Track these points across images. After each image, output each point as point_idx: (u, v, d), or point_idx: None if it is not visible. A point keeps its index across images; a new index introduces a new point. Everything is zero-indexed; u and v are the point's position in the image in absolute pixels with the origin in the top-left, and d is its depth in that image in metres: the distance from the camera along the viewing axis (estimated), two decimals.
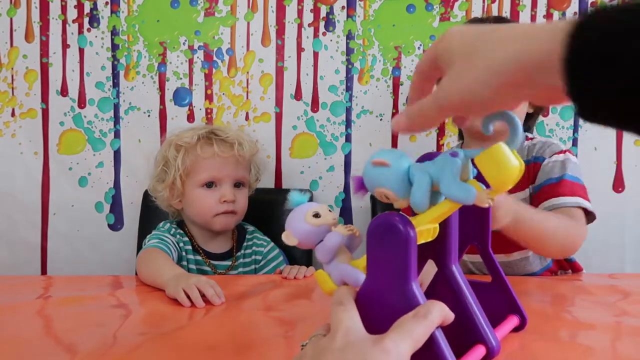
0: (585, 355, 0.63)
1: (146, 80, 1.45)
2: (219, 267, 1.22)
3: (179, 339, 0.68)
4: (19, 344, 0.67)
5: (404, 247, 0.47)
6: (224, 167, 1.19)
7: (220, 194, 1.18)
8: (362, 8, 1.44)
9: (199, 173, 1.18)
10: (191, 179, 1.19)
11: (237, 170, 1.21)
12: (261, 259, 1.26)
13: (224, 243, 1.25)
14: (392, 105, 1.46)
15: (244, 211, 1.24)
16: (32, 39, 1.44)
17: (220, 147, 1.18)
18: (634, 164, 1.45)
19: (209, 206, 1.18)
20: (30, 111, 1.45)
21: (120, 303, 0.88)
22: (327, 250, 0.55)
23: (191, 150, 1.18)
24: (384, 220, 0.47)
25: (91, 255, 1.47)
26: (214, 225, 1.20)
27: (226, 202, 1.19)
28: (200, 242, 1.23)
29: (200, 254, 1.22)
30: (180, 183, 1.18)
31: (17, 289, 0.94)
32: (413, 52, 1.45)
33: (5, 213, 1.46)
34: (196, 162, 1.18)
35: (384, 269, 0.48)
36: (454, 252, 0.58)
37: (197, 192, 1.19)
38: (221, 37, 1.45)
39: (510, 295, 0.66)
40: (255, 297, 0.89)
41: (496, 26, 0.37)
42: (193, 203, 1.20)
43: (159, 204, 1.26)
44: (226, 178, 1.19)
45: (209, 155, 1.18)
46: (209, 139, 1.20)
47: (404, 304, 0.47)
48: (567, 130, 1.44)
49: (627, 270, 1.45)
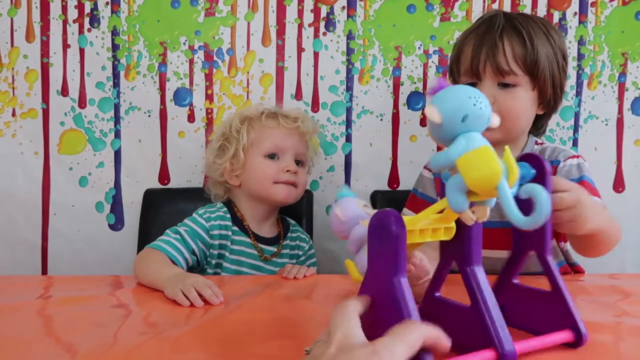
0: (585, 355, 0.63)
1: (147, 81, 1.45)
2: (265, 251, 1.22)
3: (178, 339, 0.68)
4: (19, 344, 0.67)
5: (394, 243, 0.50)
6: (287, 138, 1.22)
7: (283, 164, 1.21)
8: (363, 8, 1.44)
9: (264, 142, 1.21)
10: (254, 149, 1.21)
11: (300, 144, 1.24)
12: (302, 254, 1.28)
13: (272, 227, 1.26)
14: (393, 105, 1.46)
15: (303, 190, 1.26)
16: (33, 39, 1.44)
17: (284, 120, 1.23)
18: (634, 164, 1.45)
19: (272, 173, 1.20)
20: (30, 111, 1.45)
21: (120, 303, 0.88)
22: (354, 241, 0.60)
23: (256, 121, 1.23)
24: (380, 218, 0.51)
25: (91, 255, 1.47)
26: (274, 194, 1.20)
27: (289, 172, 1.20)
28: (251, 222, 1.23)
29: (250, 235, 1.22)
30: (243, 154, 1.21)
31: (17, 289, 0.94)
32: (413, 52, 1.45)
33: (5, 213, 1.46)
34: (261, 132, 1.22)
35: (379, 262, 0.52)
36: (474, 254, 0.58)
37: (259, 160, 1.21)
38: (221, 37, 1.45)
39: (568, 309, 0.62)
40: (255, 297, 0.89)
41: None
42: (254, 172, 1.21)
43: (209, 186, 1.28)
44: (289, 149, 1.22)
45: (273, 125, 1.22)
46: (273, 112, 1.25)
47: (392, 298, 0.50)
48: (567, 131, 1.44)
49: (628, 271, 1.45)
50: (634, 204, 1.45)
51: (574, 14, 1.43)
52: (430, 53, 1.45)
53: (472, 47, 1.05)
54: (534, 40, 1.02)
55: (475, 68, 1.04)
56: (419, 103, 1.46)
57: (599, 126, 1.45)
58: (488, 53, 1.02)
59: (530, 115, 1.07)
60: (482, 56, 1.03)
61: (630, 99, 1.45)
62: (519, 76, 1.02)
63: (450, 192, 0.52)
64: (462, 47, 1.08)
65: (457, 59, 1.09)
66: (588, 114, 1.45)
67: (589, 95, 1.44)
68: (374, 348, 0.44)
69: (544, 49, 1.03)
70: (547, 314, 0.62)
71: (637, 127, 1.45)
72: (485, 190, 0.50)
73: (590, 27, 1.43)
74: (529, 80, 1.03)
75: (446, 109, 0.51)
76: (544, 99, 1.07)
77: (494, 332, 0.55)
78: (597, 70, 1.44)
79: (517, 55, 1.02)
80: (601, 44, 1.44)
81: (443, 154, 0.52)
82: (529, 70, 1.02)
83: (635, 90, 1.45)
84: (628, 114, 1.45)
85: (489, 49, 1.02)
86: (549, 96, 1.06)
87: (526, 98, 1.04)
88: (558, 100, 1.10)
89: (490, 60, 1.02)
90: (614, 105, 1.45)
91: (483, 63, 1.03)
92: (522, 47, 1.02)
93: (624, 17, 1.43)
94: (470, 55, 1.05)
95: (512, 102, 1.03)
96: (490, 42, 1.03)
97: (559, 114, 1.43)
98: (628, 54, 1.44)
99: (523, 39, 1.02)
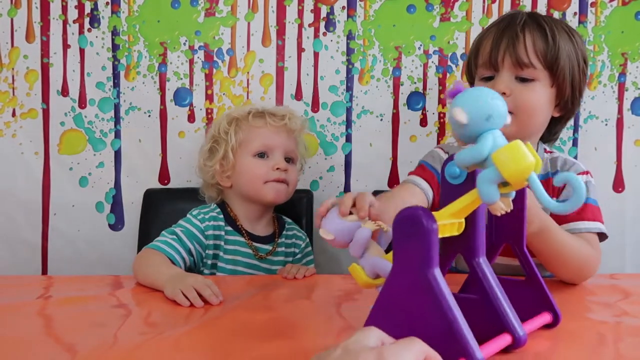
0: (585, 354, 0.63)
1: (147, 81, 1.45)
2: (260, 249, 1.22)
3: (178, 339, 0.69)
4: (19, 344, 0.67)
5: (427, 238, 0.52)
6: (275, 136, 1.22)
7: (273, 162, 1.20)
8: (363, 8, 1.44)
9: (252, 142, 1.21)
10: (243, 149, 1.21)
11: (289, 141, 1.24)
12: (298, 252, 1.28)
13: (266, 226, 1.26)
14: (393, 105, 1.46)
15: (294, 187, 1.26)
16: (33, 39, 1.44)
17: (271, 118, 1.23)
18: (634, 164, 1.45)
19: (261, 173, 1.20)
20: (30, 111, 1.45)
21: (120, 303, 0.88)
22: (359, 245, 0.61)
23: (243, 122, 1.22)
24: (409, 214, 0.53)
25: (91, 255, 1.47)
26: (265, 193, 1.20)
27: (279, 170, 1.20)
28: (244, 222, 1.23)
29: (243, 234, 1.22)
30: (232, 155, 1.21)
31: (17, 289, 0.94)
32: (413, 52, 1.45)
33: (5, 213, 1.46)
34: (248, 132, 1.22)
35: (408, 257, 0.53)
36: (480, 247, 0.62)
37: (249, 161, 1.21)
38: (222, 37, 1.45)
39: (544, 293, 0.67)
40: (255, 297, 0.89)
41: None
42: (244, 173, 1.21)
43: (202, 189, 1.29)
44: (278, 147, 1.22)
45: (261, 124, 1.22)
46: (260, 112, 1.25)
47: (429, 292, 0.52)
48: (567, 131, 1.44)
49: (628, 271, 1.45)
50: (634, 204, 1.45)
51: (574, 14, 1.43)
52: (430, 53, 1.45)
53: (491, 39, 1.03)
54: (556, 37, 1.00)
55: (494, 59, 1.01)
56: (419, 103, 1.46)
57: (598, 126, 1.45)
58: (508, 44, 0.99)
59: (546, 114, 1.04)
60: (501, 47, 1.00)
61: (630, 99, 1.45)
62: (538, 70, 1.00)
63: (482, 184, 0.55)
64: (481, 41, 1.06)
65: (476, 52, 1.07)
66: (588, 114, 1.45)
67: (589, 95, 1.44)
68: (380, 353, 0.44)
69: (566, 46, 1.01)
70: (526, 300, 0.66)
71: (637, 127, 1.45)
72: (519, 181, 0.53)
73: (590, 27, 1.43)
74: (548, 75, 1.00)
75: (471, 109, 0.55)
76: (561, 99, 1.04)
77: (508, 319, 0.58)
78: (597, 70, 1.44)
79: (537, 49, 0.99)
80: (601, 44, 1.44)
81: (471, 150, 0.56)
82: (548, 65, 1.00)
83: (635, 90, 1.45)
84: (628, 114, 1.45)
85: (510, 40, 1.00)
86: (567, 97, 1.03)
87: (543, 94, 1.01)
88: (576, 103, 1.06)
89: (510, 50, 0.99)
90: (613, 105, 1.45)
91: (502, 54, 1.00)
92: (543, 41, 0.99)
93: (624, 17, 1.43)
94: (489, 46, 1.02)
95: (529, 95, 0.99)
96: (511, 33, 1.00)
97: None
98: (628, 54, 1.44)
99: (545, 34, 1.00)
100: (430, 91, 1.46)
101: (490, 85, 1.00)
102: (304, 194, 1.42)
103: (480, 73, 1.06)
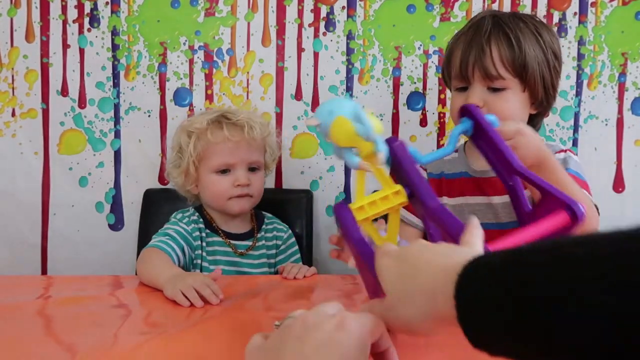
0: None
1: (146, 81, 1.45)
2: (239, 246, 1.22)
3: (179, 339, 0.69)
4: (19, 344, 0.67)
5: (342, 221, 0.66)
6: (236, 151, 1.19)
7: (234, 178, 1.19)
8: (363, 8, 1.44)
9: (212, 159, 1.19)
10: (204, 165, 1.19)
11: (250, 154, 1.21)
12: (281, 243, 1.28)
13: (243, 224, 1.26)
14: (392, 105, 1.46)
15: (260, 194, 1.24)
16: (33, 39, 1.44)
17: (230, 131, 1.18)
18: (634, 164, 1.45)
19: (223, 190, 1.19)
20: (30, 111, 1.45)
21: (120, 303, 0.88)
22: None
23: (202, 136, 1.18)
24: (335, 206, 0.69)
25: (91, 255, 1.47)
26: (229, 208, 1.20)
27: (240, 186, 1.19)
28: (220, 223, 1.24)
29: (220, 234, 1.22)
30: (194, 169, 1.19)
31: (17, 289, 0.94)
32: (413, 52, 1.45)
33: (5, 213, 1.46)
34: (208, 148, 1.18)
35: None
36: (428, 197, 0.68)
37: (211, 177, 1.19)
38: (221, 37, 1.45)
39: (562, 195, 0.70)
40: (255, 297, 0.89)
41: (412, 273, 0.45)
42: (207, 188, 1.20)
43: (177, 190, 1.27)
44: (239, 163, 1.19)
45: (220, 140, 1.18)
46: (219, 122, 1.19)
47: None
48: (567, 131, 1.44)
49: None
50: (634, 204, 1.45)
51: (574, 14, 1.43)
52: (430, 53, 1.45)
53: (460, 51, 1.04)
54: (521, 43, 1.01)
55: (464, 73, 1.03)
56: (419, 103, 1.46)
57: (598, 126, 1.45)
58: (476, 58, 1.01)
59: (522, 117, 1.06)
60: (470, 61, 1.01)
61: (630, 99, 1.45)
62: (508, 80, 1.01)
63: (346, 158, 0.72)
64: (452, 51, 1.07)
65: (448, 62, 1.09)
66: (588, 114, 1.45)
67: (589, 95, 1.44)
68: (342, 318, 0.43)
69: (533, 50, 1.02)
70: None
71: (637, 127, 1.45)
72: (347, 143, 0.71)
73: (590, 27, 1.43)
74: (519, 82, 1.02)
75: (318, 112, 0.74)
76: (535, 99, 1.06)
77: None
78: (597, 70, 1.44)
79: (504, 59, 1.01)
80: (601, 44, 1.44)
81: None
82: (517, 73, 1.01)
83: (635, 90, 1.45)
84: (628, 114, 1.45)
85: (477, 54, 1.01)
86: (541, 97, 1.05)
87: (516, 100, 1.03)
88: (551, 99, 1.09)
89: (478, 64, 1.01)
90: (613, 105, 1.45)
91: (472, 68, 1.01)
92: (509, 51, 1.01)
93: (624, 17, 1.43)
94: (459, 59, 1.04)
95: (502, 105, 1.01)
96: (477, 47, 1.01)
97: (559, 114, 1.43)
98: (628, 54, 1.44)
99: (510, 42, 1.01)
100: (430, 91, 1.46)
101: (464, 96, 1.02)
102: (304, 194, 1.42)
103: (454, 84, 1.08)
